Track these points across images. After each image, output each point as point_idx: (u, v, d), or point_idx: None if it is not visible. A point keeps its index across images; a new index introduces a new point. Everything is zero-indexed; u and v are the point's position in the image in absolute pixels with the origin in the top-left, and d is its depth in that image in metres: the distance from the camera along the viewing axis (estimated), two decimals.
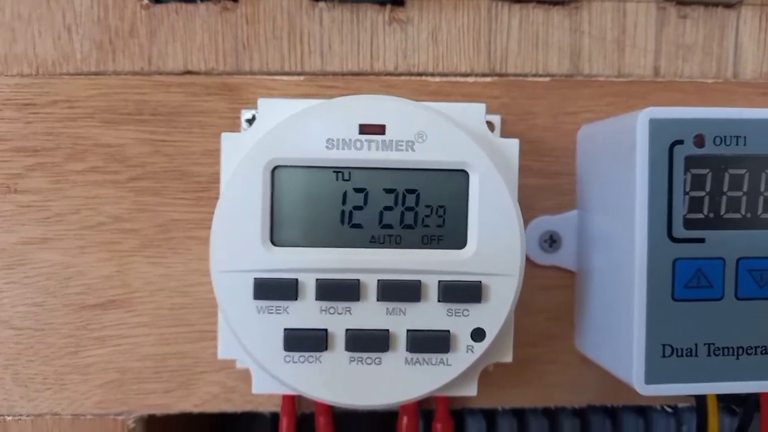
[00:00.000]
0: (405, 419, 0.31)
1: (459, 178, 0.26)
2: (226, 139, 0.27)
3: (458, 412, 0.38)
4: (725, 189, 0.26)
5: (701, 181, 0.26)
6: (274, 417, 0.36)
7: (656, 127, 0.25)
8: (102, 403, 0.32)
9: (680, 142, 0.25)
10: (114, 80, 0.31)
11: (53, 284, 0.32)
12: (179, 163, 0.31)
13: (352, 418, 0.33)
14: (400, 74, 0.32)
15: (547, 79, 0.32)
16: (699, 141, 0.26)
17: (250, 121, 0.30)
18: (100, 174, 0.31)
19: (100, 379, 0.32)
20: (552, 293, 0.32)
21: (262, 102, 0.27)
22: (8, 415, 0.32)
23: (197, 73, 0.32)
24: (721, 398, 0.31)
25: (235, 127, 0.31)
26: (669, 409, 0.39)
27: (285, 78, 0.31)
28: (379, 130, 0.25)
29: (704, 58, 0.32)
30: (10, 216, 0.31)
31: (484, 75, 0.32)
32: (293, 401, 0.31)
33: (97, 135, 0.31)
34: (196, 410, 0.32)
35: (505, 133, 0.31)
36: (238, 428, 0.42)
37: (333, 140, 0.26)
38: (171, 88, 0.31)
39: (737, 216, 0.26)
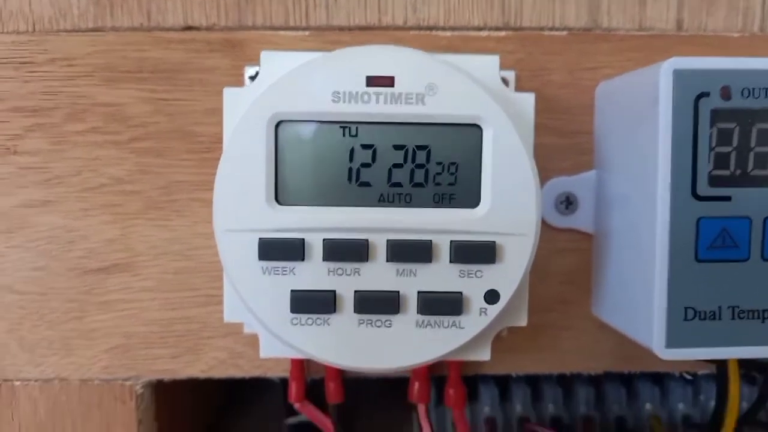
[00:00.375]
0: (417, 385, 0.31)
1: (472, 133, 0.25)
2: (229, 94, 0.26)
3: (471, 380, 0.37)
4: (753, 144, 0.24)
5: (728, 135, 0.24)
6: (284, 384, 0.35)
7: (681, 78, 0.24)
8: (109, 368, 0.32)
9: (706, 94, 0.24)
10: (112, 36, 0.30)
11: (55, 248, 0.31)
12: (181, 122, 0.30)
13: (363, 383, 0.33)
14: (410, 28, 0.30)
15: (564, 32, 0.30)
16: (726, 93, 0.24)
17: (254, 78, 0.29)
18: (101, 134, 0.31)
19: (106, 344, 0.32)
20: (568, 257, 0.31)
21: (265, 55, 0.26)
22: (16, 380, 0.32)
23: (198, 29, 0.30)
24: (742, 365, 0.30)
25: (238, 85, 0.30)
26: (688, 376, 0.38)
27: (290, 33, 0.30)
28: (388, 82, 0.24)
29: (729, 12, 0.31)
30: (9, 178, 0.31)
31: (498, 29, 0.30)
32: (302, 366, 0.31)
33: (96, 94, 0.30)
34: (203, 375, 0.32)
35: (519, 90, 0.30)
36: (248, 394, 0.41)
37: (339, 93, 0.24)
38: (171, 45, 0.30)
39: (765, 173, 0.25)
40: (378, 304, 0.25)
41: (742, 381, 0.38)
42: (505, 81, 0.28)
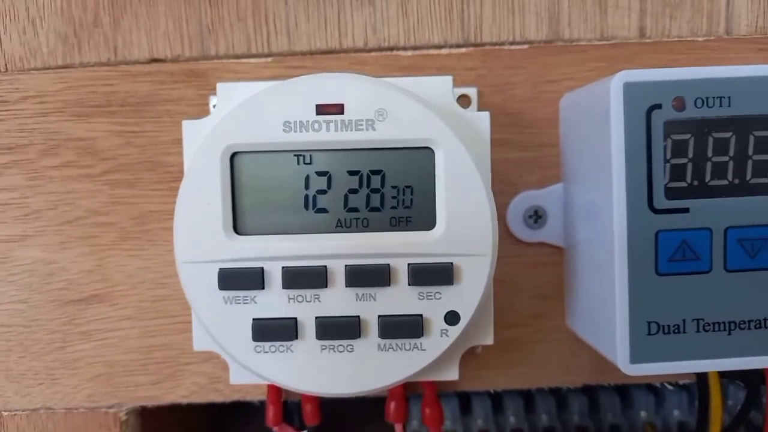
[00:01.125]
0: (392, 404, 0.31)
1: (424, 155, 0.25)
2: (187, 126, 0.27)
3: (464, 393, 0.37)
4: (710, 154, 0.24)
5: (683, 146, 0.24)
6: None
7: (631, 91, 0.24)
8: (93, 396, 0.32)
9: (658, 106, 0.24)
10: (81, 72, 0.31)
11: (36, 281, 0.32)
12: (151, 153, 0.31)
13: (341, 403, 0.33)
14: (371, 50, 0.31)
15: (525, 46, 0.30)
16: (679, 104, 0.24)
17: None
18: (75, 168, 0.31)
19: (88, 372, 0.32)
20: (540, 271, 0.31)
21: (221, 87, 0.26)
22: (4, 411, 0.33)
23: (163, 61, 0.31)
24: (724, 374, 0.30)
25: (204, 114, 0.30)
26: (671, 387, 0.38)
27: (252, 60, 0.31)
28: (337, 109, 0.24)
29: (694, 15, 0.30)
30: None
31: (458, 46, 0.30)
32: (279, 390, 0.31)
33: (68, 129, 0.31)
34: (185, 401, 0.32)
35: (482, 106, 0.30)
36: (234, 417, 0.42)
37: (290, 122, 0.25)
38: (138, 78, 0.31)
39: (724, 183, 0.24)
40: (339, 329, 0.25)
41: (736, 385, 0.37)
42: (467, 98, 0.28)
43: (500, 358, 0.31)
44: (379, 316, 0.25)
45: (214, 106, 0.29)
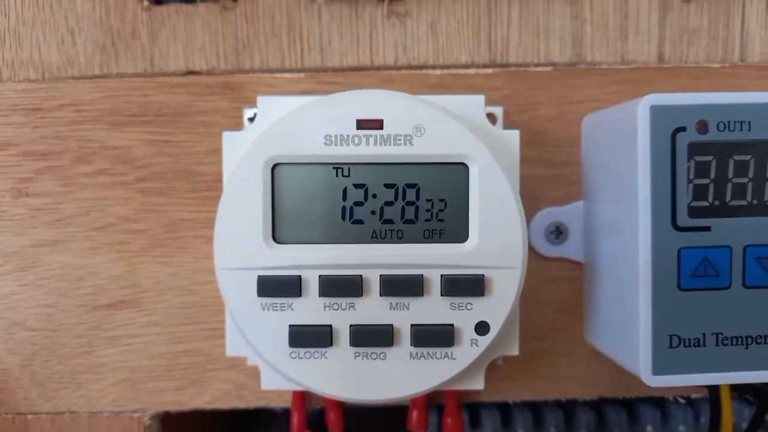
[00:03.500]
0: (415, 413, 0.31)
1: (459, 171, 0.26)
2: (227, 138, 0.28)
3: (473, 406, 0.38)
4: (730, 176, 0.25)
5: (705, 168, 0.25)
6: (287, 414, 0.36)
7: (657, 114, 0.25)
8: (117, 401, 0.33)
9: (683, 129, 0.25)
10: (117, 82, 0.32)
11: (65, 285, 0.32)
12: (184, 163, 0.32)
13: (363, 412, 0.34)
14: (401, 68, 0.32)
15: (550, 68, 0.32)
16: (702, 127, 0.25)
17: (252, 119, 0.30)
18: (108, 176, 0.32)
19: (113, 377, 0.33)
20: (559, 285, 0.32)
21: (261, 100, 0.27)
22: (29, 414, 0.33)
23: (199, 73, 0.32)
24: (735, 388, 0.31)
25: (238, 126, 0.31)
26: (682, 400, 0.39)
27: (286, 75, 0.32)
28: (377, 125, 0.25)
29: (710, 42, 0.32)
30: (21, 219, 0.32)
31: (485, 66, 0.32)
32: (303, 397, 0.32)
33: (103, 137, 0.32)
34: (208, 407, 0.33)
35: (507, 125, 0.31)
36: (253, 425, 0.42)
37: (331, 136, 0.26)
38: (174, 89, 0.32)
39: (743, 203, 0.25)
40: (373, 337, 0.26)
41: (741, 402, 0.38)
42: (493, 116, 0.29)
43: (521, 370, 0.32)
44: (411, 325, 0.26)
45: (249, 119, 0.30)
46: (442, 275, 0.26)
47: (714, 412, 0.31)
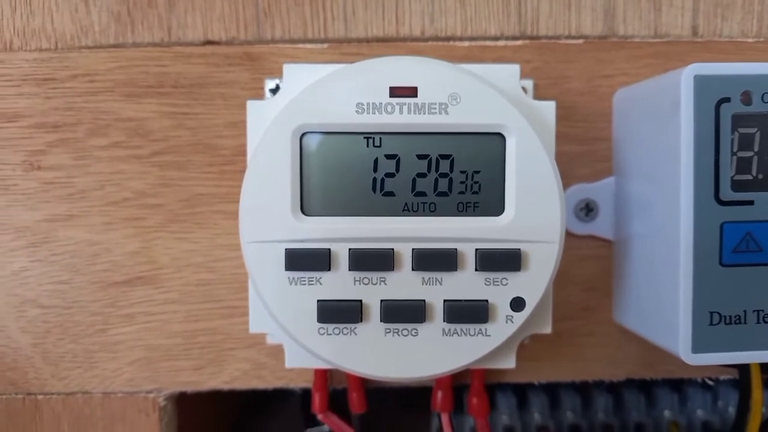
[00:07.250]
0: (440, 393, 0.31)
1: (495, 141, 0.25)
2: (252, 107, 0.27)
3: (488, 388, 0.37)
4: None
5: (749, 140, 0.24)
6: (305, 394, 0.35)
7: (701, 84, 0.24)
8: (132, 380, 0.32)
9: (727, 99, 0.24)
10: (133, 52, 0.31)
11: (79, 262, 0.31)
12: (202, 136, 0.31)
13: (385, 393, 0.33)
14: (427, 39, 0.31)
15: (581, 41, 0.31)
16: (746, 98, 0.24)
17: (274, 91, 0.29)
18: (123, 149, 0.31)
19: (129, 356, 0.32)
20: (588, 263, 0.31)
21: (287, 67, 0.26)
22: (40, 394, 0.32)
23: (218, 43, 0.31)
24: (764, 370, 0.30)
25: (258, 98, 0.30)
26: (710, 382, 0.38)
27: (308, 46, 0.31)
28: (411, 92, 0.24)
29: (744, 16, 0.31)
30: (33, 193, 0.31)
31: (515, 38, 0.31)
32: (325, 377, 0.31)
33: (118, 109, 0.31)
34: (226, 387, 0.32)
35: (537, 99, 0.30)
36: (267, 406, 0.41)
37: (363, 104, 0.25)
38: (192, 59, 0.31)
39: None
40: (404, 313, 0.25)
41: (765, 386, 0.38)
42: (524, 90, 0.29)
43: (548, 350, 0.31)
44: (444, 301, 0.25)
45: (270, 90, 0.29)
46: (476, 249, 0.25)
47: (744, 393, 0.30)
